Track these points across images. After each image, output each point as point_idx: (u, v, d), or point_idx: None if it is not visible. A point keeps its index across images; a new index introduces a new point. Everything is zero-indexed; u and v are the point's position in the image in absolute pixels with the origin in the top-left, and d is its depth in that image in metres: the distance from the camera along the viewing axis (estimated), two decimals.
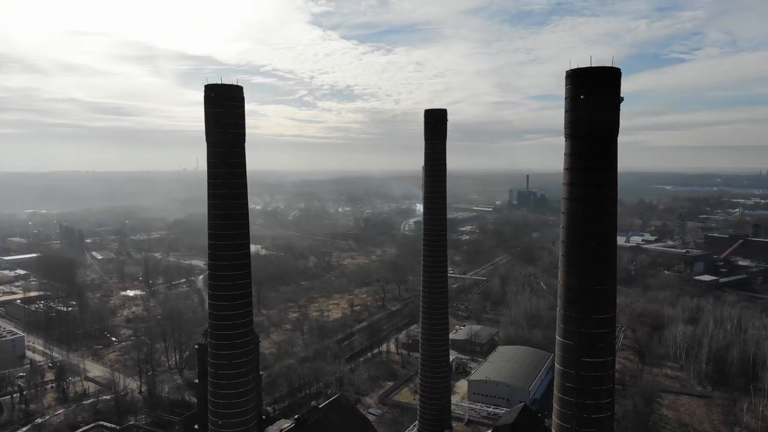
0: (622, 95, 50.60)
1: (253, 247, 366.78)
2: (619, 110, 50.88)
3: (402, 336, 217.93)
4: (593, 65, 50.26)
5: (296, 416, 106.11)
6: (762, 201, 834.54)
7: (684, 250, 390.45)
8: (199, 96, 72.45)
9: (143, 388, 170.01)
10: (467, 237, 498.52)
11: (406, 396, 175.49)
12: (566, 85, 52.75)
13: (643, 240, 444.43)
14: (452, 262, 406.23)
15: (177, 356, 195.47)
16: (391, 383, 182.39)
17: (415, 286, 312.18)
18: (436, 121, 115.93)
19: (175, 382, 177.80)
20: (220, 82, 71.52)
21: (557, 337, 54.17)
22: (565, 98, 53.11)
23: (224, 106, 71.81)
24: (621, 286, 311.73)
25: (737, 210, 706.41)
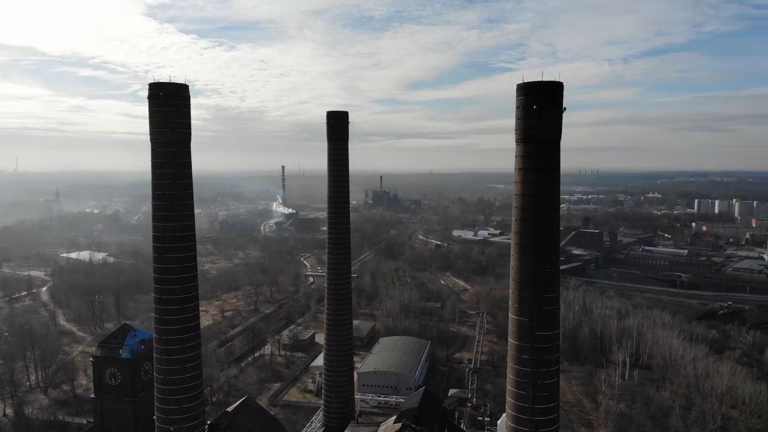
0: (564, 106, 59.33)
1: (98, 255, 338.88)
2: (562, 118, 59.54)
3: (284, 337, 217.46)
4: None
5: (208, 422, 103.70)
6: (583, 197, 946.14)
7: None
8: (20, 90, 67.75)
9: (7, 411, 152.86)
10: None
11: (296, 395, 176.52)
12: (518, 96, 60.58)
13: (489, 234, 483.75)
14: (320, 261, 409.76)
15: (38, 375, 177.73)
16: (278, 384, 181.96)
17: (286, 287, 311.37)
18: (338, 123, 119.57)
19: (40, 402, 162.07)
20: (166, 81, 68.71)
21: (511, 315, 61.42)
22: (517, 107, 60.85)
23: (173, 105, 69.37)
24: (476, 276, 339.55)
25: (564, 205, 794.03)
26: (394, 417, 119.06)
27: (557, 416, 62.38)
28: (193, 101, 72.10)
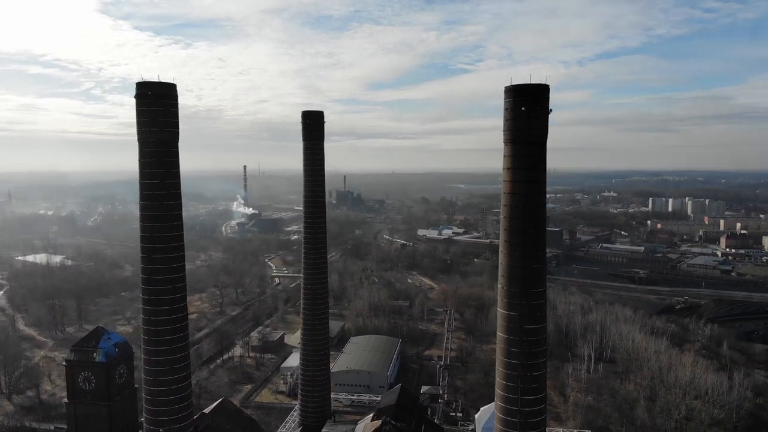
0: (551, 108, 61.13)
1: (56, 258, 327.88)
2: (548, 119, 61.35)
3: (253, 339, 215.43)
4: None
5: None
6: None
7: (489, 240, 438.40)
8: None
9: None
10: (296, 236, 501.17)
11: (268, 397, 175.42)
12: (506, 98, 62.25)
13: (453, 233, 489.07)
14: (285, 261, 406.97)
15: (1, 381, 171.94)
16: (249, 386, 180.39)
17: (252, 288, 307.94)
18: (313, 122, 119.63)
19: (5, 408, 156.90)
20: (154, 80, 67.94)
21: (501, 310, 62.79)
22: (505, 109, 62.58)
23: (161, 104, 68.46)
24: (442, 275, 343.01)
25: None
26: (372, 414, 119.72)
27: (545, 407, 64.26)
28: None
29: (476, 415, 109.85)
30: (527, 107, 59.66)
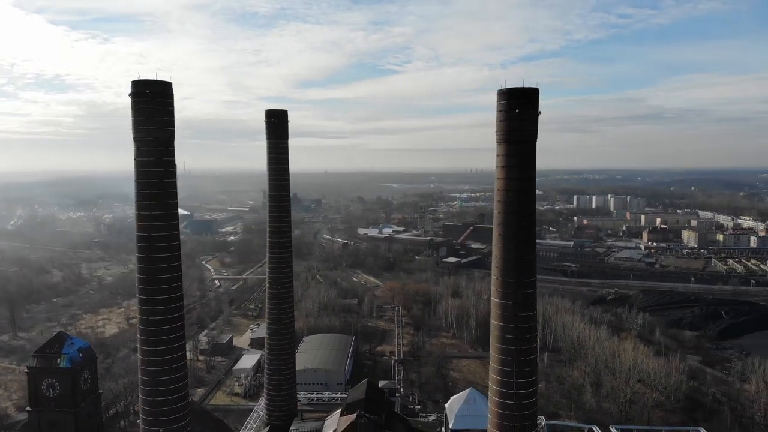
0: (540, 110, 65.19)
1: None
2: (538, 120, 65.31)
3: (201, 342, 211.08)
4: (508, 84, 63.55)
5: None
6: (472, 194, 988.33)
7: (428, 238, 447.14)
8: None
9: None
10: (232, 238, 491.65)
11: (223, 399, 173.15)
12: (500, 101, 65.80)
13: (393, 231, 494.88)
14: (223, 263, 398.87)
15: None
16: (202, 389, 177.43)
17: (192, 292, 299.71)
18: (278, 121, 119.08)
19: None
20: (149, 78, 66.66)
21: (495, 299, 65.82)
22: (498, 111, 66.05)
23: (160, 102, 67.58)
24: (385, 273, 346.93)
25: (456, 202, 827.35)
26: (340, 410, 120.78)
27: (536, 389, 68.18)
28: (63, 96, 71.20)
29: (446, 405, 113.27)
30: (521, 109, 63.40)
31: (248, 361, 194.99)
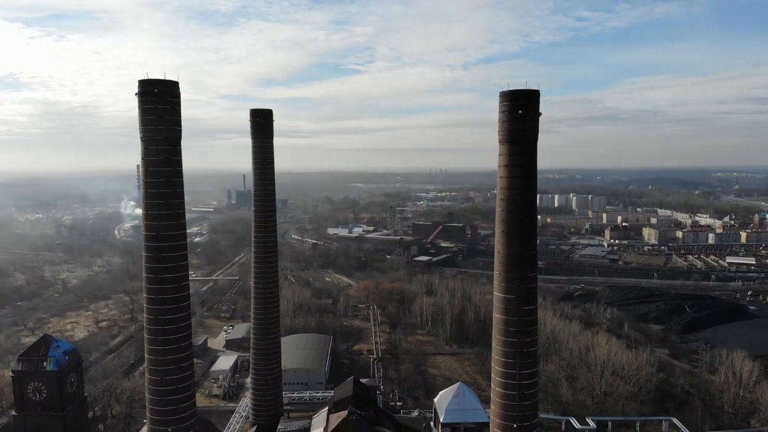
0: (540, 111, 67.34)
1: None
2: (539, 121, 67.48)
3: None
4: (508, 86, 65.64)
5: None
6: (438, 194, 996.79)
7: (399, 237, 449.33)
8: None
9: None
10: (199, 239, 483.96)
11: (202, 401, 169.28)
12: (503, 102, 67.88)
13: (363, 231, 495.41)
14: (191, 265, 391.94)
15: None
16: None
17: None
18: (263, 120, 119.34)
19: None
20: (156, 78, 66.06)
21: (498, 293, 67.71)
22: (501, 111, 68.21)
23: (168, 102, 67.14)
24: (357, 272, 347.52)
25: (422, 202, 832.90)
26: (327, 408, 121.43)
27: (538, 379, 70.40)
28: (17, 95, 71.44)
29: (435, 399, 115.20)
30: (523, 110, 65.47)
31: (225, 362, 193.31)
